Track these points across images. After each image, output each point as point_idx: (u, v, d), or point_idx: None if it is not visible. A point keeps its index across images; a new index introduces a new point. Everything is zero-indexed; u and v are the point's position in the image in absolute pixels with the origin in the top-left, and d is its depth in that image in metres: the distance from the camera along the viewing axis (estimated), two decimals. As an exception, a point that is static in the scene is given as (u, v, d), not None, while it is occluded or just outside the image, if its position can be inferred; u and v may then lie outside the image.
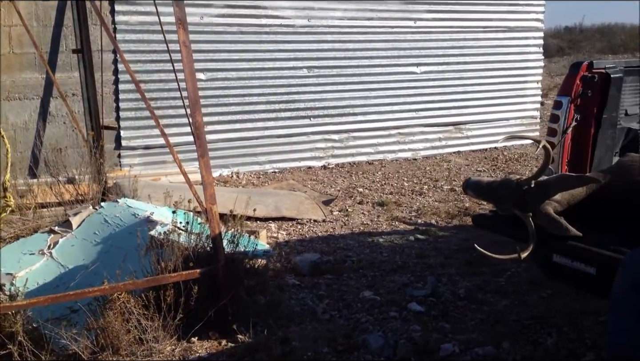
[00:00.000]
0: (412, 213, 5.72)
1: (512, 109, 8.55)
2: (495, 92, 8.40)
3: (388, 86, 7.64)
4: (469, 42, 8.09)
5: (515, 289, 3.92)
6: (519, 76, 8.53)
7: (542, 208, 2.65)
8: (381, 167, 7.45)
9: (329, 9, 7.11)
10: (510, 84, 8.48)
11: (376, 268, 4.35)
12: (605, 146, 3.12)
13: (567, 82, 3.05)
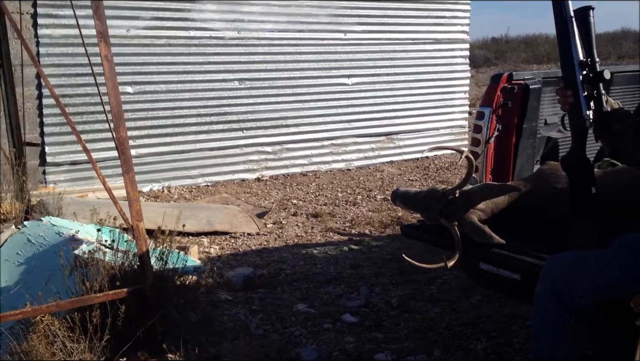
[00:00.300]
0: (346, 223, 5.75)
1: (441, 118, 8.74)
2: (425, 103, 8.57)
3: (320, 97, 7.68)
4: (399, 54, 8.22)
5: (447, 296, 3.98)
6: (447, 87, 8.73)
7: (466, 216, 2.70)
8: (315, 179, 7.46)
9: (259, 21, 7.11)
10: (439, 94, 8.66)
11: (310, 280, 4.34)
12: (527, 155, 3.20)
13: (488, 94, 3.12)
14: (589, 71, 2.19)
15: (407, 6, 8.16)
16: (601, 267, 2.13)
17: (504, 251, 2.61)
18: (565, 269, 2.19)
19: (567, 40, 2.22)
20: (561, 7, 2.23)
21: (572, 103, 2.23)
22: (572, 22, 2.22)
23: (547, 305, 2.21)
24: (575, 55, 2.21)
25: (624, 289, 2.03)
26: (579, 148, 2.29)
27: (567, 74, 2.23)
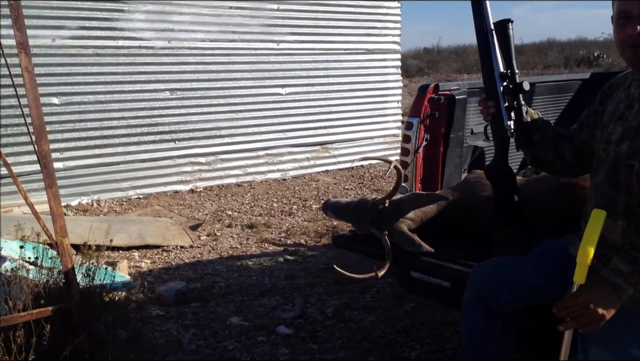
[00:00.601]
0: (282, 233, 5.73)
1: (375, 128, 8.83)
2: (359, 112, 8.64)
3: (254, 107, 7.64)
4: (332, 64, 8.28)
5: (381, 304, 4.01)
6: (380, 96, 8.83)
7: (396, 226, 2.73)
8: (250, 189, 7.41)
9: (190, 30, 7.02)
10: (372, 104, 8.76)
11: (245, 292, 4.30)
12: (454, 164, 3.26)
13: (416, 104, 3.17)
14: (509, 82, 2.25)
15: (338, 17, 8.23)
16: (524, 273, 2.18)
17: (432, 259, 2.65)
18: (490, 276, 2.23)
19: (487, 52, 2.28)
20: (481, 20, 2.28)
21: (494, 114, 2.28)
22: (493, 35, 2.27)
23: (474, 312, 2.25)
24: (496, 67, 2.27)
25: (546, 294, 2.09)
26: (502, 157, 2.35)
27: (488, 85, 2.28)
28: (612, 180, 1.98)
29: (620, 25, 1.92)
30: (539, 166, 2.39)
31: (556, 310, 1.82)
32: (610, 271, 1.78)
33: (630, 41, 1.90)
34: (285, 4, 7.73)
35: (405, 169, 3.18)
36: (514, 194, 2.32)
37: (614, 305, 1.78)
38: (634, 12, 1.88)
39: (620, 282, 1.76)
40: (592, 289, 1.78)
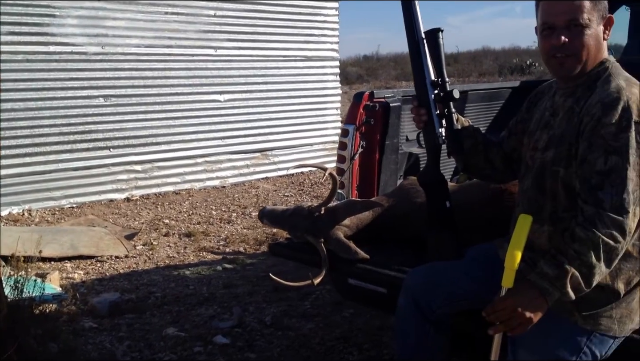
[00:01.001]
0: (221, 242, 5.67)
1: (314, 134, 8.85)
2: (298, 119, 8.65)
3: (192, 114, 7.55)
4: (271, 71, 8.26)
5: (320, 311, 4.01)
6: (319, 103, 8.87)
7: (332, 233, 2.73)
8: (189, 197, 7.31)
9: (125, 36, 6.89)
10: (311, 110, 8.78)
11: (181, 302, 4.23)
12: (390, 171, 3.29)
13: (351, 111, 3.19)
14: (440, 90, 2.28)
15: (277, 24, 8.23)
16: (456, 278, 2.22)
17: (368, 266, 2.66)
18: (424, 282, 2.26)
19: (419, 61, 2.31)
20: (413, 29, 2.31)
21: (426, 121, 2.31)
22: (424, 44, 2.30)
23: (408, 317, 2.26)
24: (427, 76, 2.30)
25: (478, 298, 2.12)
26: (434, 164, 2.38)
27: (420, 93, 2.31)
28: (538, 186, 2.04)
29: (544, 36, 1.98)
30: (470, 172, 2.44)
31: (485, 313, 1.85)
32: (537, 275, 1.83)
33: (553, 51, 1.96)
34: (222, 10, 7.67)
35: (342, 176, 3.19)
36: (446, 200, 2.36)
37: (541, 308, 1.82)
38: (557, 23, 1.93)
39: (547, 285, 1.80)
40: (520, 293, 1.82)
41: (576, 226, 1.81)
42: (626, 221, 1.77)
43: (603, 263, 1.78)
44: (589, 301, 1.89)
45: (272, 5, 8.17)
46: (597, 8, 1.93)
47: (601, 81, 1.94)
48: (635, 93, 1.85)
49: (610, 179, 1.78)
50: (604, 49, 1.99)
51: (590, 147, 1.84)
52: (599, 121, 1.83)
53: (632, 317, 1.95)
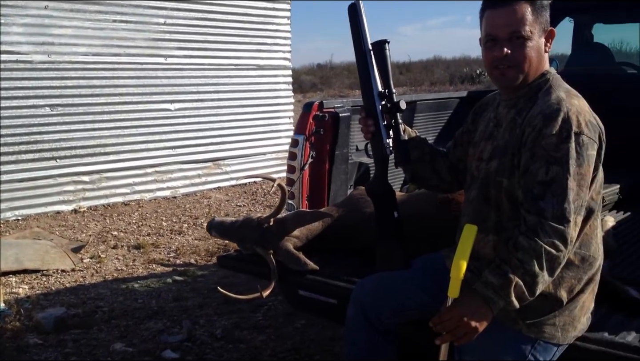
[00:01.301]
0: (171, 253, 5.57)
1: (267, 143, 8.81)
2: (251, 128, 8.61)
3: (141, 123, 7.43)
4: (222, 80, 8.20)
5: (272, 323, 3.97)
6: (272, 112, 8.84)
7: (281, 244, 2.71)
8: (138, 208, 7.18)
9: (72, 44, 6.74)
10: (264, 119, 8.75)
11: (130, 316, 4.14)
12: (340, 181, 3.29)
13: (301, 121, 3.17)
14: (387, 101, 2.29)
15: (228, 32, 8.18)
16: (404, 288, 2.22)
17: (318, 277, 2.65)
18: (372, 292, 2.26)
19: (366, 72, 2.31)
20: (360, 41, 2.31)
21: (374, 132, 2.32)
22: (371, 55, 2.31)
23: (357, 328, 2.26)
24: (374, 86, 2.30)
25: (426, 308, 2.13)
26: (381, 174, 2.38)
27: (367, 104, 2.31)
28: (483, 196, 2.06)
29: (487, 47, 2.01)
30: (418, 182, 2.45)
31: (432, 324, 1.86)
32: (482, 284, 1.84)
33: (496, 62, 1.99)
34: (173, 18, 7.59)
35: (292, 187, 3.17)
36: (394, 211, 2.36)
37: (486, 317, 1.83)
38: (500, 35, 1.97)
39: (491, 295, 1.81)
40: (465, 303, 1.83)
41: (519, 236, 1.83)
42: (567, 230, 1.80)
43: (546, 272, 1.81)
44: (533, 310, 1.92)
45: (224, 14, 8.12)
46: (539, 21, 1.97)
47: (542, 92, 1.98)
48: (575, 104, 1.89)
49: (552, 189, 1.81)
50: (545, 61, 2.03)
51: (532, 157, 1.87)
52: (540, 132, 1.86)
53: (574, 324, 1.99)
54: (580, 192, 1.83)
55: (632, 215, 3.58)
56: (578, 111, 1.87)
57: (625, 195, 3.66)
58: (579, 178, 1.82)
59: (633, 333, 2.12)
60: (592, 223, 1.97)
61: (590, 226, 1.96)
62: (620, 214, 3.61)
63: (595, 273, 2.03)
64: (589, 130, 1.86)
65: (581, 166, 1.83)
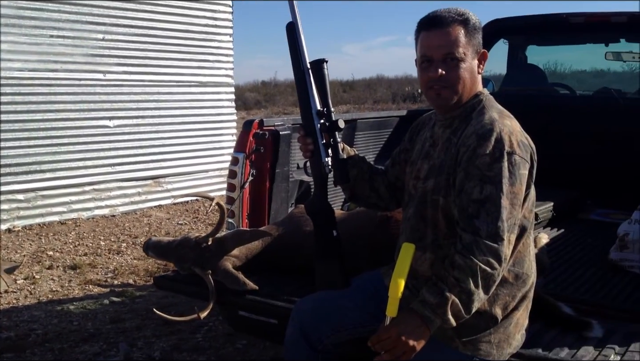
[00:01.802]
0: (109, 274, 5.43)
1: (210, 161, 8.71)
2: (193, 145, 8.49)
3: (79, 140, 7.24)
4: (163, 96, 8.08)
5: (212, 344, 3.91)
6: (214, 129, 8.75)
7: (220, 264, 2.68)
8: (75, 227, 6.98)
9: (6, 59, 6.52)
10: (206, 137, 8.65)
11: (65, 339, 4.00)
12: (281, 199, 3.28)
13: (241, 139, 3.16)
14: (326, 120, 2.30)
15: (169, 49, 8.08)
16: (343, 307, 2.22)
17: (257, 297, 2.62)
18: (311, 311, 2.25)
19: (305, 90, 2.32)
20: (298, 59, 2.32)
21: (312, 150, 2.32)
22: (309, 73, 2.32)
23: (296, 347, 2.25)
24: (313, 105, 2.31)
25: (365, 327, 2.14)
26: (321, 193, 2.38)
27: (306, 122, 2.32)
28: (420, 214, 2.08)
29: (423, 68, 2.04)
30: (357, 200, 2.46)
31: (370, 343, 1.86)
32: (420, 303, 1.85)
33: (431, 83, 2.02)
34: (112, 34, 7.45)
35: (232, 205, 3.15)
36: (333, 229, 2.37)
37: (423, 335, 1.84)
38: (434, 56, 2.01)
39: (429, 313, 1.83)
40: (403, 322, 1.84)
41: (455, 254, 1.85)
42: (501, 248, 1.83)
43: (481, 290, 1.84)
44: (469, 327, 1.94)
45: (165, 30, 8.02)
46: (472, 43, 2.01)
47: (476, 112, 2.02)
48: (507, 125, 1.94)
49: (486, 208, 1.84)
50: (478, 81, 2.08)
51: (466, 176, 1.90)
52: (474, 152, 1.90)
53: (509, 341, 2.02)
54: (513, 210, 1.87)
55: (566, 232, 3.69)
56: (510, 131, 1.92)
57: (558, 213, 3.77)
58: (511, 197, 1.86)
59: (566, 349, 2.18)
60: (525, 240, 2.01)
61: (523, 243, 2.01)
62: (554, 231, 3.71)
63: (529, 290, 2.07)
64: (521, 150, 1.91)
65: (514, 185, 1.87)
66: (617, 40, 4.57)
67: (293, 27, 2.32)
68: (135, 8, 7.69)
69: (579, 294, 2.74)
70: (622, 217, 3.31)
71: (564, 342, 2.23)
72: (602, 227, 3.78)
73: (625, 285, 2.85)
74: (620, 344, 2.21)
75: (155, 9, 7.91)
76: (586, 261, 3.19)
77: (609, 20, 4.25)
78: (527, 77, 4.88)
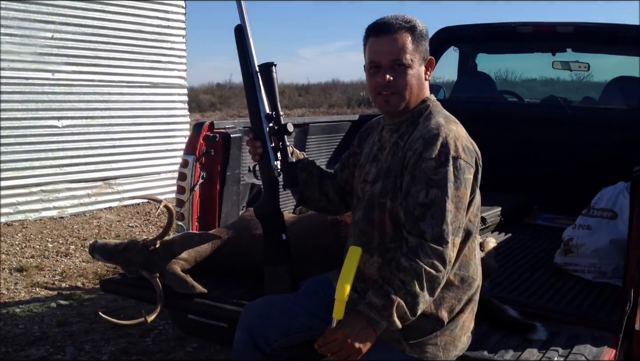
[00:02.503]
0: (56, 276, 5.32)
1: (162, 163, 8.60)
2: (144, 147, 8.38)
3: (26, 140, 7.07)
4: (114, 97, 7.95)
5: (162, 347, 3.87)
6: (166, 131, 8.65)
7: (168, 267, 2.65)
8: (22, 229, 6.80)
9: (-51, 56, 6.36)
10: (158, 138, 8.54)
11: (9, 343, 3.90)
12: (232, 202, 3.26)
13: (191, 141, 3.14)
14: (275, 123, 2.30)
15: (120, 49, 7.95)
16: (292, 311, 2.22)
17: (206, 300, 2.60)
18: (260, 315, 2.24)
19: (253, 94, 2.31)
20: (247, 62, 2.32)
21: (261, 154, 2.32)
22: (258, 76, 2.31)
23: (245, 351, 2.24)
24: (262, 108, 2.31)
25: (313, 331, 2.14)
26: (270, 196, 2.38)
27: (255, 126, 2.31)
28: (368, 217, 2.10)
29: (371, 74, 2.07)
30: (306, 204, 2.47)
31: (317, 345, 1.87)
32: (366, 305, 1.87)
33: (379, 88, 2.05)
34: (61, 33, 7.29)
35: (182, 208, 3.12)
36: (282, 233, 2.36)
37: (369, 338, 1.86)
38: (382, 63, 2.03)
39: (374, 316, 1.84)
40: (349, 324, 1.85)
41: (401, 257, 1.88)
42: (446, 251, 1.86)
43: (426, 292, 1.86)
44: (415, 330, 1.97)
45: (116, 30, 7.89)
46: (419, 50, 2.05)
47: (423, 117, 2.06)
48: (453, 130, 1.98)
49: (431, 211, 1.87)
50: (425, 87, 2.11)
51: (413, 180, 1.93)
52: (421, 156, 1.92)
53: (455, 344, 2.05)
54: (458, 214, 1.90)
55: (513, 237, 3.76)
56: (456, 136, 1.96)
57: (506, 217, 3.85)
58: (456, 201, 1.89)
59: (511, 352, 2.22)
60: (470, 244, 2.05)
61: (468, 247, 2.04)
62: (502, 235, 3.78)
63: (475, 293, 2.11)
64: (466, 154, 1.94)
65: (459, 189, 1.90)
66: (563, 50, 4.69)
67: (242, 29, 2.31)
68: (86, 7, 7.55)
69: (525, 297, 2.80)
70: (568, 222, 3.40)
71: (509, 344, 2.27)
72: (548, 232, 3.87)
73: (569, 289, 2.93)
74: (564, 346, 2.27)
75: (106, 8, 7.78)
76: (532, 265, 3.26)
77: (554, 30, 4.36)
78: (476, 84, 4.97)
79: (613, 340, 2.32)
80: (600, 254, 3.02)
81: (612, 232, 3.02)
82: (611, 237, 3.00)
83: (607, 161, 3.92)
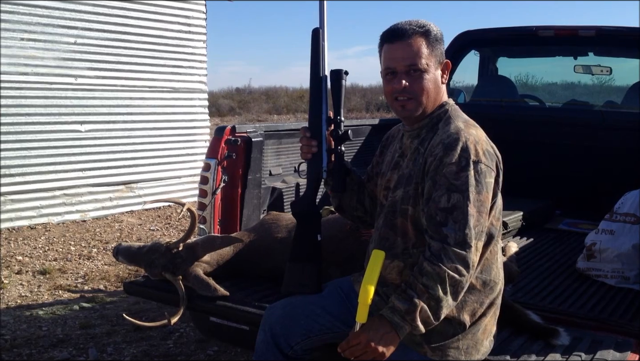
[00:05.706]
0: (79, 279, 5.38)
1: (183, 167, 8.68)
2: (165, 151, 8.46)
3: (49, 144, 7.17)
4: (136, 102, 8.04)
5: (183, 350, 3.89)
6: (187, 135, 8.72)
7: (190, 270, 2.67)
8: (45, 232, 6.89)
9: (-26, 61, 6.47)
10: (179, 142, 8.62)
11: (34, 344, 3.95)
12: (253, 205, 3.28)
13: (213, 146, 3.16)
14: (335, 127, 2.29)
15: (142, 54, 8.04)
16: (313, 313, 2.23)
17: (228, 303, 2.62)
18: (281, 317, 2.25)
19: (319, 96, 2.30)
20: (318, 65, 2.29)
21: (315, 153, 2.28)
22: (327, 80, 2.31)
23: (266, 352, 2.24)
24: (325, 111, 2.30)
25: (335, 333, 2.15)
26: (312, 195, 2.35)
27: (314, 126, 2.29)
28: (390, 223, 2.11)
29: (387, 80, 2.07)
30: (344, 211, 2.42)
31: (340, 349, 1.88)
32: (389, 309, 1.87)
33: (396, 94, 2.05)
34: (84, 38, 7.39)
35: (203, 211, 3.14)
36: (317, 233, 2.35)
37: (393, 342, 1.86)
38: (398, 68, 2.04)
39: (398, 320, 1.85)
40: (373, 328, 1.86)
41: (424, 261, 1.88)
42: (469, 255, 1.86)
43: (450, 296, 1.86)
44: (437, 334, 1.96)
45: (137, 35, 7.99)
46: (434, 54, 2.05)
47: (442, 122, 2.06)
48: (472, 134, 1.98)
49: (453, 216, 1.87)
50: (443, 91, 2.11)
51: (434, 185, 1.93)
52: (441, 161, 1.93)
53: (477, 347, 2.05)
54: (480, 218, 1.90)
55: (534, 241, 3.74)
56: (476, 140, 1.95)
57: (528, 222, 3.83)
58: (478, 205, 1.89)
59: (534, 356, 2.21)
60: (492, 248, 2.04)
61: (490, 251, 2.04)
62: (524, 240, 3.76)
63: (497, 296, 2.10)
64: (487, 158, 1.94)
65: (480, 193, 1.90)
66: (585, 54, 4.66)
67: (318, 33, 2.31)
68: (108, 12, 7.65)
69: (547, 302, 2.78)
70: (590, 227, 3.37)
71: (532, 349, 2.26)
72: (570, 237, 3.85)
73: (592, 294, 2.90)
74: (587, 352, 2.25)
75: (128, 13, 7.88)
76: (554, 270, 3.23)
77: (577, 34, 4.33)
78: (497, 88, 4.95)
79: (636, 346, 2.30)
80: (623, 259, 2.99)
81: (636, 237, 2.99)
82: (634, 242, 2.98)
83: (630, 165, 3.88)
